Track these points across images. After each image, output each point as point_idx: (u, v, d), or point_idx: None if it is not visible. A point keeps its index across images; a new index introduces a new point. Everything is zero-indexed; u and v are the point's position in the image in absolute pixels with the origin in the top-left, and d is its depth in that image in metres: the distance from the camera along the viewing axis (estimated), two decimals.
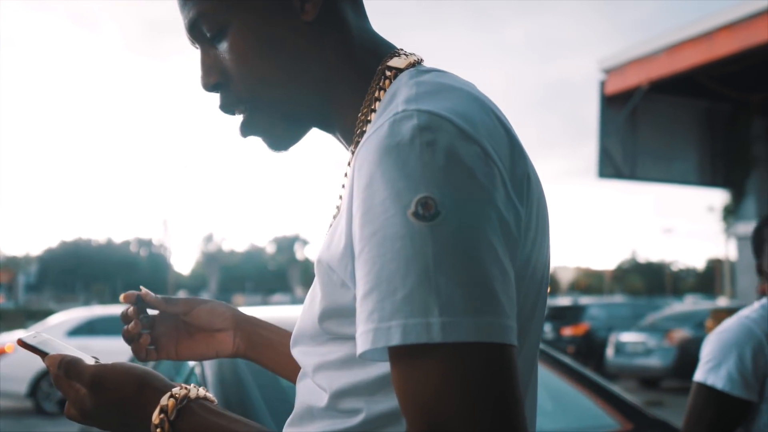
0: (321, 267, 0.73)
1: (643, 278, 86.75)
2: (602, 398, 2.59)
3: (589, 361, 13.54)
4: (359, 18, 0.83)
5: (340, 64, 0.80)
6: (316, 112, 0.83)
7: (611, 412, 2.52)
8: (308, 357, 0.77)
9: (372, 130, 0.67)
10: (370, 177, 0.63)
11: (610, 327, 13.33)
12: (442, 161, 0.62)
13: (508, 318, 0.61)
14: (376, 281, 0.61)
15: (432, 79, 0.73)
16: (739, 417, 1.65)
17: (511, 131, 0.71)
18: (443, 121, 0.64)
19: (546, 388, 2.66)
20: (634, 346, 11.83)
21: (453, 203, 0.61)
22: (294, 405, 0.80)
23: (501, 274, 0.62)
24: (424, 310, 0.58)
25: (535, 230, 0.71)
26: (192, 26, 0.81)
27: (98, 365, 0.78)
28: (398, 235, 0.60)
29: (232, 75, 0.80)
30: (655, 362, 11.46)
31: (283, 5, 0.78)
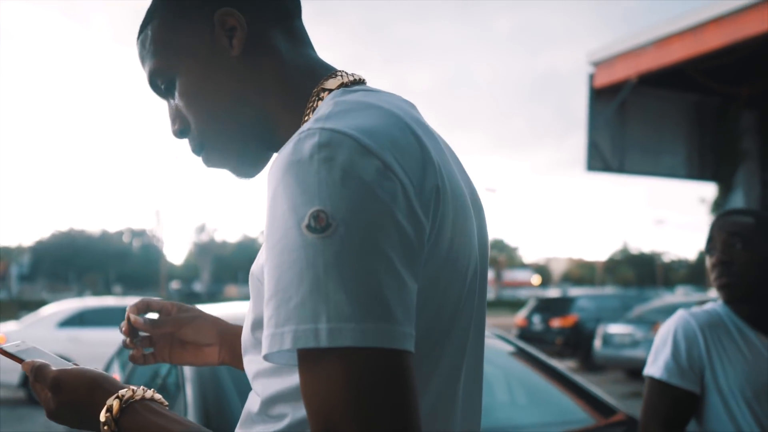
0: (253, 280, 0.79)
1: (635, 269, 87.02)
2: (576, 393, 2.65)
3: (577, 352, 13.65)
4: (294, 44, 0.90)
5: (276, 92, 0.87)
6: (264, 138, 0.90)
7: (585, 407, 2.58)
8: (250, 365, 0.83)
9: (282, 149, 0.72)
10: (274, 191, 0.68)
11: (599, 318, 13.42)
12: (337, 176, 0.66)
13: (401, 324, 0.65)
14: (275, 289, 0.66)
15: (353, 98, 0.79)
16: (686, 410, 1.70)
17: (426, 146, 0.74)
18: (344, 137, 0.68)
19: (521, 383, 2.73)
20: (622, 338, 11.93)
21: (344, 216, 0.65)
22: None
23: (396, 283, 0.66)
24: (313, 316, 0.63)
25: (450, 240, 0.74)
26: (150, 83, 0.91)
27: (59, 370, 0.86)
28: (294, 246, 0.65)
29: (189, 121, 0.90)
30: (642, 353, 11.55)
31: (214, 47, 0.86)
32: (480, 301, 0.85)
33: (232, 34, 0.86)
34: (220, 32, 0.86)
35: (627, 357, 11.80)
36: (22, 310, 36.46)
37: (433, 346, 0.76)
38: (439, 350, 0.77)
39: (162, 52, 0.88)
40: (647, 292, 26.42)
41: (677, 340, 1.70)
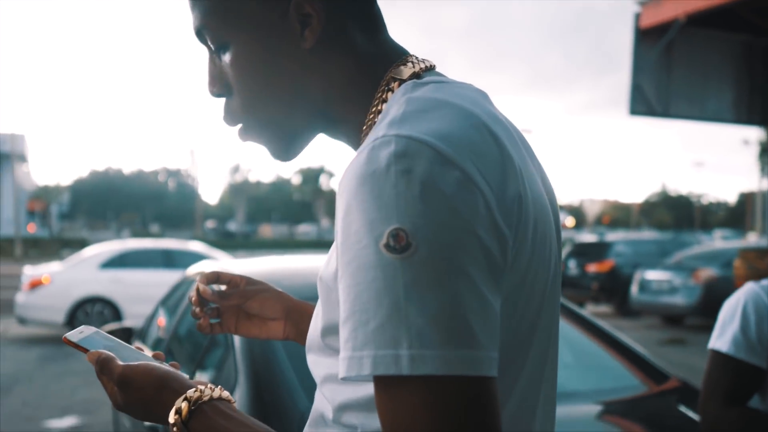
0: (322, 285, 0.75)
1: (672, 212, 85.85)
2: (627, 358, 2.59)
3: (613, 297, 13.57)
4: (370, 33, 0.81)
5: (342, 85, 0.80)
6: (317, 128, 0.84)
7: (636, 373, 2.53)
8: (317, 367, 0.80)
9: (355, 154, 0.67)
10: (347, 205, 0.64)
11: (636, 264, 13.28)
12: (417, 190, 0.61)
13: (485, 349, 0.61)
14: (351, 310, 0.62)
15: (425, 94, 0.72)
16: (750, 384, 1.66)
17: (505, 148, 0.69)
18: (422, 146, 0.63)
19: (570, 347, 2.68)
20: (659, 284, 11.82)
21: (426, 234, 0.61)
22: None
23: (480, 305, 0.62)
24: (393, 342, 0.60)
25: (531, 249, 0.70)
26: (197, 34, 0.83)
27: (125, 366, 0.83)
28: (371, 266, 0.61)
29: (233, 89, 0.82)
30: (680, 300, 11.47)
31: (283, 31, 0.78)
32: (557, 301, 0.81)
33: (306, 23, 0.78)
34: (294, 17, 0.78)
35: (664, 303, 11.72)
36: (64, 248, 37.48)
37: (514, 358, 0.72)
38: (521, 361, 0.73)
39: (220, 12, 0.79)
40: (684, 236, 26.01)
41: (747, 314, 1.66)
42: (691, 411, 2.25)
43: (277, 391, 1.92)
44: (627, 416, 2.30)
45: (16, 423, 5.89)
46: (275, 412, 1.88)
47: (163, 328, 3.70)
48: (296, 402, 1.86)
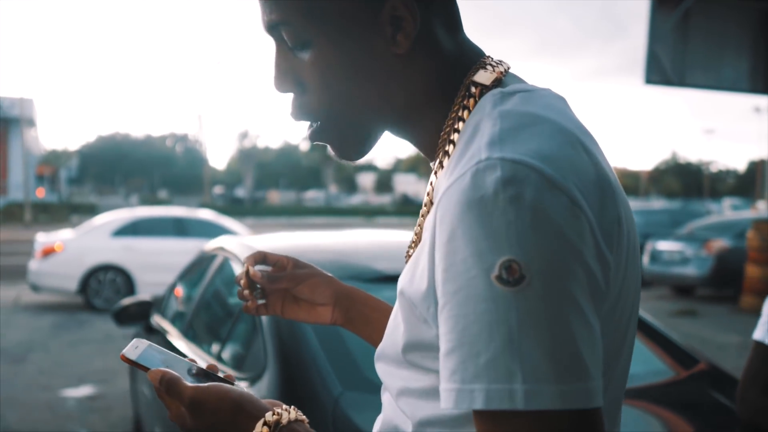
0: (403, 300, 0.72)
1: (681, 179, 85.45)
2: (654, 341, 2.57)
3: None
4: (450, 32, 0.78)
5: (426, 91, 0.77)
6: (392, 128, 0.81)
7: (664, 357, 2.50)
8: (391, 378, 0.78)
9: (455, 175, 0.65)
10: (452, 231, 0.62)
11: (647, 234, 13.26)
12: (527, 219, 0.59)
13: (594, 380, 0.60)
14: (459, 341, 0.61)
15: (517, 107, 0.70)
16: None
17: (600, 164, 0.68)
18: (529, 170, 0.61)
19: None
20: (671, 255, 11.80)
21: (538, 266, 0.59)
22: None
23: (588, 334, 0.60)
24: (507, 376, 0.58)
25: (624, 268, 0.69)
26: (271, 29, 0.78)
27: (196, 388, 0.79)
28: (481, 297, 0.59)
29: (308, 87, 0.78)
30: (691, 271, 11.45)
31: (373, 31, 0.74)
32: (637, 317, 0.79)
33: (398, 26, 0.74)
34: (386, 18, 0.73)
35: (676, 274, 11.71)
36: (73, 213, 37.62)
37: (605, 373, 0.71)
38: (609, 375, 0.72)
39: (305, 9, 0.74)
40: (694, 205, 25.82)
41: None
42: (722, 396, 2.24)
43: (308, 375, 1.91)
44: (658, 402, 2.28)
45: (33, 392, 5.96)
46: (307, 395, 1.88)
47: (180, 302, 3.71)
48: (329, 386, 1.85)
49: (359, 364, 1.96)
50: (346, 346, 2.01)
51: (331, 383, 1.87)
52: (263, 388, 1.98)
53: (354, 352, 2.00)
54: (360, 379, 1.89)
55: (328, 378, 1.88)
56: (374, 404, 1.82)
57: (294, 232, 3.51)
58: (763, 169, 46.15)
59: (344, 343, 2.03)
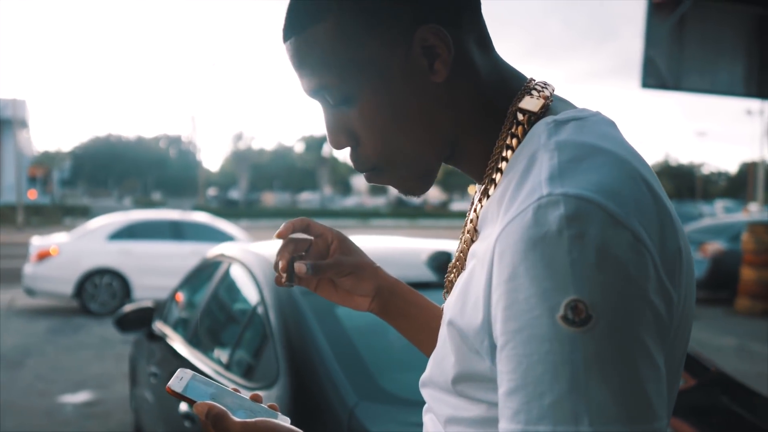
0: (453, 330, 0.72)
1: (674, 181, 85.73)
2: None
3: None
4: (485, 54, 0.78)
5: (470, 114, 0.77)
6: (445, 159, 0.81)
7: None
8: (439, 404, 0.77)
9: (513, 210, 0.64)
10: (513, 269, 0.61)
11: None
12: (592, 258, 0.59)
13: (659, 420, 0.60)
14: (522, 381, 0.60)
15: (573, 137, 0.69)
16: None
17: (659, 195, 0.67)
18: (592, 206, 0.60)
19: None
20: None
21: (604, 306, 0.58)
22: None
23: (653, 373, 0.60)
24: (573, 418, 0.58)
25: (684, 301, 0.68)
26: (314, 94, 0.79)
27: (244, 424, 0.78)
28: (546, 337, 0.59)
29: (362, 138, 0.78)
30: None
31: (410, 69, 0.74)
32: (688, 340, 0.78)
33: (434, 55, 0.74)
34: (418, 51, 0.74)
35: None
36: (66, 216, 37.46)
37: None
38: (668, 396, 0.71)
39: (338, 66, 0.75)
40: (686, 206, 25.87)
41: None
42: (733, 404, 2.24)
43: (321, 385, 1.90)
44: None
45: (30, 398, 5.93)
46: (321, 406, 1.87)
47: (183, 309, 3.70)
48: (344, 396, 1.84)
49: (373, 373, 1.95)
50: (360, 355, 2.01)
51: (346, 393, 1.85)
52: (275, 397, 1.97)
53: (368, 362, 1.99)
54: (375, 389, 1.88)
55: (343, 388, 1.87)
56: (390, 415, 1.82)
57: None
58: (754, 171, 46.33)
59: (358, 351, 2.02)
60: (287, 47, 0.78)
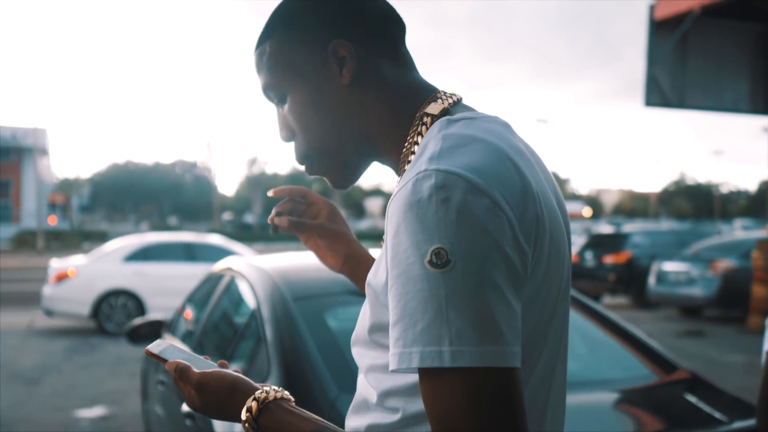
0: (369, 289, 0.89)
1: (691, 201, 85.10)
2: (637, 349, 2.69)
3: (630, 289, 13.59)
4: (399, 69, 0.97)
5: (381, 115, 0.95)
6: (364, 156, 0.99)
7: (646, 363, 2.63)
8: (362, 358, 0.94)
9: (401, 185, 0.81)
10: (396, 227, 0.77)
11: (653, 255, 13.29)
12: (454, 216, 0.74)
13: (511, 345, 0.74)
14: (401, 314, 0.76)
15: (458, 130, 0.85)
16: None
17: (525, 176, 0.82)
18: (457, 178, 0.76)
19: (583, 338, 2.78)
20: (677, 276, 11.82)
21: (462, 252, 0.73)
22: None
23: (505, 308, 0.74)
24: (437, 340, 0.73)
25: (547, 260, 0.83)
26: (264, 92, 1.02)
27: (201, 373, 0.96)
28: (417, 278, 0.74)
29: (296, 132, 0.99)
30: (698, 292, 11.47)
31: (325, 73, 0.95)
32: (568, 307, 0.94)
33: (342, 63, 0.94)
34: (332, 60, 0.94)
35: (682, 295, 11.73)
36: (85, 241, 37.92)
37: (529, 354, 0.85)
38: (535, 357, 0.86)
39: (277, 70, 0.97)
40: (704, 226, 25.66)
41: None
42: (698, 400, 2.36)
43: (307, 381, 2.06)
44: (637, 404, 2.41)
45: (47, 412, 6.10)
46: (306, 398, 2.02)
47: (190, 321, 3.86)
48: (326, 391, 2.00)
49: (354, 369, 2.10)
50: (344, 354, 2.16)
51: (328, 387, 2.01)
52: None
53: (350, 359, 2.14)
54: (355, 383, 2.03)
55: (326, 382, 2.02)
56: None
57: (301, 252, 3.65)
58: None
59: (341, 351, 2.17)
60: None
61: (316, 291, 2.53)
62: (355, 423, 0.94)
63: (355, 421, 0.94)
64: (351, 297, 2.51)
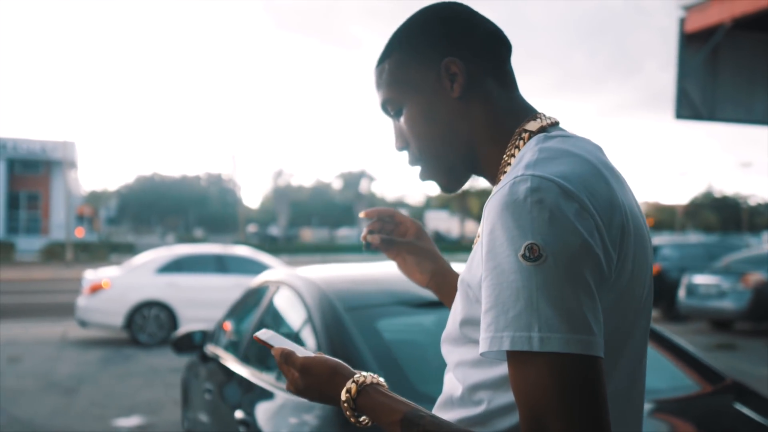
0: (462, 285, 0.97)
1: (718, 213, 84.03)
2: (681, 359, 2.71)
3: (660, 302, 13.47)
4: (503, 88, 1.07)
5: (484, 129, 1.04)
6: (469, 164, 1.08)
7: (689, 373, 2.65)
8: (450, 355, 1.02)
9: (498, 187, 0.89)
10: (492, 224, 0.85)
11: (683, 268, 13.18)
12: (546, 216, 0.82)
13: (595, 335, 0.80)
14: (494, 302, 0.83)
15: (554, 145, 0.94)
16: None
17: (613, 189, 0.90)
18: (550, 183, 0.84)
19: None
20: (707, 288, 11.72)
21: (553, 248, 0.81)
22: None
23: (592, 302, 0.81)
24: (527, 326, 0.80)
25: (631, 269, 0.90)
26: (382, 107, 1.14)
27: (305, 357, 1.06)
28: (511, 270, 0.82)
29: (410, 141, 1.10)
30: (729, 305, 11.36)
31: (438, 88, 1.05)
32: (649, 320, 0.99)
33: (453, 79, 1.03)
34: (444, 76, 1.04)
35: (712, 308, 11.61)
36: (112, 252, 38.36)
37: (612, 353, 0.91)
38: (611, 365, 0.91)
39: (395, 85, 1.08)
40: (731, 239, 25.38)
41: None
42: (748, 409, 2.37)
43: None
44: (679, 415, 2.42)
45: (86, 422, 6.21)
46: None
47: (233, 332, 3.94)
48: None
49: (408, 376, 2.16)
50: (398, 362, 2.21)
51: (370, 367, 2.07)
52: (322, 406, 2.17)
53: (405, 367, 2.20)
54: (411, 392, 2.08)
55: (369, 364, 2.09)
56: None
57: (345, 264, 3.72)
58: None
59: (396, 358, 2.23)
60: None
61: (367, 301, 2.58)
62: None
63: (443, 417, 0.99)
64: (401, 308, 2.57)
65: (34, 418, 6.30)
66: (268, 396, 2.64)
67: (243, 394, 2.98)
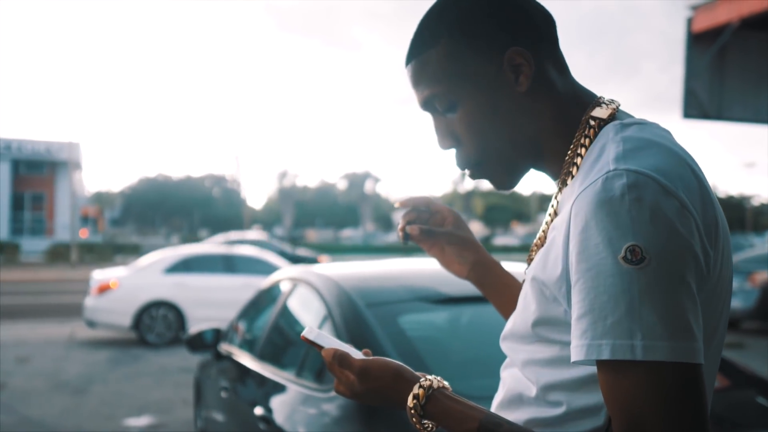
0: (535, 283, 0.91)
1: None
2: None
3: None
4: (562, 74, 0.97)
5: (550, 121, 0.95)
6: (531, 160, 0.99)
7: None
8: (516, 352, 0.97)
9: (586, 182, 0.82)
10: (585, 223, 0.79)
11: None
12: (647, 215, 0.76)
13: (697, 341, 0.76)
14: (590, 307, 0.77)
15: (635, 134, 0.87)
16: None
17: (703, 180, 0.84)
18: (648, 179, 0.78)
19: None
20: None
21: (656, 250, 0.75)
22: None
23: (693, 306, 0.76)
24: (629, 334, 0.75)
25: (721, 263, 0.85)
26: (426, 103, 1.00)
27: (363, 360, 0.98)
28: (609, 273, 0.76)
29: (462, 139, 0.98)
30: (736, 304, 11.32)
31: (500, 81, 0.94)
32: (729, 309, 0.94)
33: (518, 71, 0.93)
34: (507, 68, 0.93)
35: None
36: (117, 253, 38.39)
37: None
38: (705, 350, 0.86)
39: (446, 79, 0.95)
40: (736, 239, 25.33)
41: None
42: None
43: None
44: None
45: (97, 421, 6.23)
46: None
47: (249, 331, 3.94)
48: None
49: (432, 371, 2.16)
50: (421, 356, 2.21)
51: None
52: (343, 399, 2.18)
53: (428, 362, 2.20)
54: None
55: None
56: None
57: (363, 261, 3.71)
58: None
59: (419, 353, 2.23)
60: (408, 70, 1.00)
61: (387, 298, 2.58)
62: (510, 418, 0.96)
63: (510, 416, 0.96)
64: (421, 304, 2.57)
65: (44, 418, 6.32)
66: (288, 392, 2.64)
67: (262, 390, 2.98)
